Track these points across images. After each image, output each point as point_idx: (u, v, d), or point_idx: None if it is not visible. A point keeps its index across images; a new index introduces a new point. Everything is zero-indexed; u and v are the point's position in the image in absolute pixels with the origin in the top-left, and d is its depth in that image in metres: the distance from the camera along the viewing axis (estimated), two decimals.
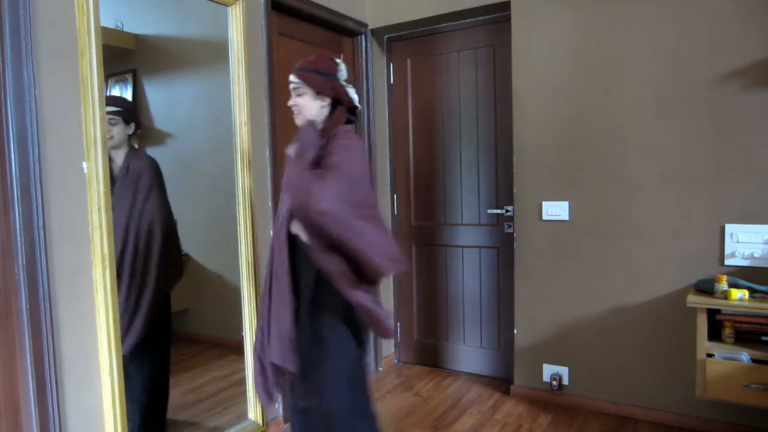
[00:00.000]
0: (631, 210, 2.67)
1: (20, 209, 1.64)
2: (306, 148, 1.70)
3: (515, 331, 3.03)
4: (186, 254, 3.10)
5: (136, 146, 2.33)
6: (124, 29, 2.86)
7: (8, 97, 1.62)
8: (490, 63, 3.21)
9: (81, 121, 1.82)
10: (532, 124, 2.89)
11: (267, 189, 2.67)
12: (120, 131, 2.21)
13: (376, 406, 1.83)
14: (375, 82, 3.48)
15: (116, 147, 2.19)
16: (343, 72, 1.86)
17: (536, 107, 2.87)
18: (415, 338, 3.61)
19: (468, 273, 3.38)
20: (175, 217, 3.05)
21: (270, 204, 2.67)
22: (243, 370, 2.58)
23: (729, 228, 2.45)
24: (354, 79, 3.38)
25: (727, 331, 2.27)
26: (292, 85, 1.82)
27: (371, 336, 1.87)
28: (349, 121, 1.87)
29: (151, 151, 3.06)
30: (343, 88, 1.83)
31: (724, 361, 2.20)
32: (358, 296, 1.64)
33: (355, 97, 1.85)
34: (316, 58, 1.84)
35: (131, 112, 2.34)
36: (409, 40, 3.48)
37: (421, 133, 3.48)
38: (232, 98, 2.50)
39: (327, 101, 1.81)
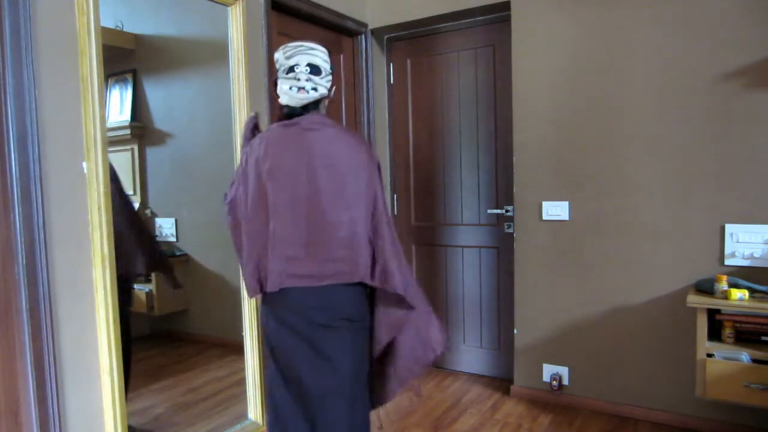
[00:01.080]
0: (631, 210, 2.67)
1: (20, 209, 1.64)
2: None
3: (515, 331, 3.03)
4: (186, 254, 3.10)
5: None
6: (124, 29, 2.86)
7: (8, 97, 1.62)
8: (490, 63, 3.21)
9: (81, 121, 1.82)
10: (532, 124, 2.89)
11: None
12: None
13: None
14: (375, 82, 3.48)
15: None
16: (278, 61, 1.68)
17: (536, 107, 2.87)
18: None
19: (468, 273, 3.38)
20: (174, 216, 3.04)
21: None
22: (243, 370, 2.58)
23: (729, 228, 2.45)
24: (354, 79, 3.38)
25: (727, 331, 2.27)
26: None
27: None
28: (287, 115, 1.69)
29: (151, 151, 3.06)
30: (275, 80, 1.69)
31: (724, 361, 2.20)
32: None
33: (282, 90, 1.65)
34: None
35: None
36: (409, 40, 3.48)
37: (421, 133, 3.48)
38: (232, 98, 2.50)
39: None
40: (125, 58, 2.96)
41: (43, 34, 1.72)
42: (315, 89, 1.64)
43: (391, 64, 3.55)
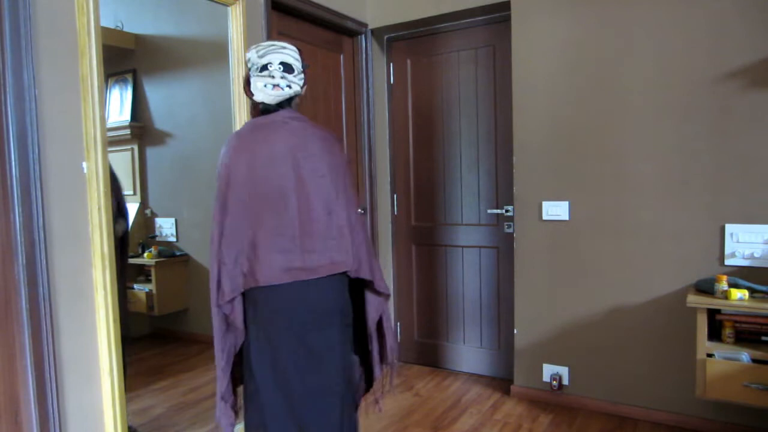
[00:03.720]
0: (631, 210, 2.67)
1: (20, 209, 1.64)
2: None
3: (515, 331, 3.03)
4: (186, 254, 3.10)
5: None
6: (124, 29, 2.86)
7: (8, 97, 1.62)
8: (490, 63, 3.21)
9: (81, 121, 1.82)
10: (532, 124, 2.89)
11: None
12: None
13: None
14: (375, 82, 3.48)
15: None
16: (250, 60, 1.70)
17: (536, 107, 2.87)
18: (415, 338, 3.61)
19: (468, 273, 3.38)
20: (174, 216, 3.04)
21: None
22: None
23: (729, 228, 2.45)
24: (354, 79, 3.38)
25: (727, 331, 2.27)
26: None
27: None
28: (263, 112, 1.71)
29: (151, 151, 3.06)
30: (247, 78, 1.73)
31: (724, 361, 2.20)
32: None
33: (257, 87, 1.68)
34: None
35: None
36: (409, 40, 3.48)
37: (421, 133, 3.48)
38: (232, 98, 2.50)
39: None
40: (125, 58, 2.96)
41: (43, 34, 1.72)
42: (289, 86, 1.69)
43: (391, 64, 3.55)
